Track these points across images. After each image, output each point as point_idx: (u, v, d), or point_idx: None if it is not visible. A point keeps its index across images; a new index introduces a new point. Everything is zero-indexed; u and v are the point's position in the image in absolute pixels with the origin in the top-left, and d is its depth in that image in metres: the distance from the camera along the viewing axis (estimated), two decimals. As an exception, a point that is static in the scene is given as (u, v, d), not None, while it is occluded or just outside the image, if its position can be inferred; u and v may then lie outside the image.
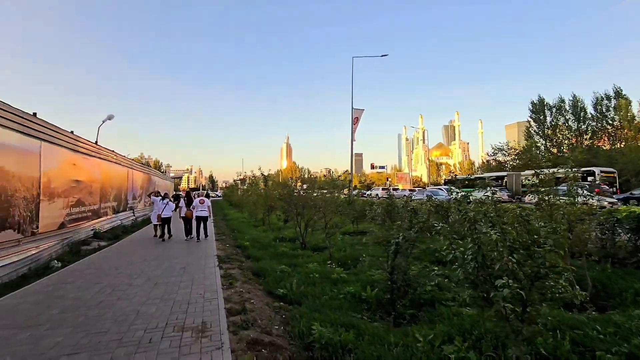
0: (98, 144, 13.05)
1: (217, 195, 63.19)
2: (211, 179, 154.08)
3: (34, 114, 8.24)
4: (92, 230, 11.61)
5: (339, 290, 5.32)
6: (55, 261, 8.11)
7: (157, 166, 72.42)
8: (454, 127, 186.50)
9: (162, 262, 7.25)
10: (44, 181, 8.42)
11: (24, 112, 7.69)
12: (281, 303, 4.87)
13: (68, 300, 4.53)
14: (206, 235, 11.30)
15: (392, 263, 4.70)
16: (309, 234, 9.69)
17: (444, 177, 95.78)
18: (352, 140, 25.01)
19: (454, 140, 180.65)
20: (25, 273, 6.99)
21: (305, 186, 11.05)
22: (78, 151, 10.77)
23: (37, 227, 8.12)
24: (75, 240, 10.06)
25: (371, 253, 8.29)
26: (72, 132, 10.46)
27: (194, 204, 10.95)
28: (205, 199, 11.14)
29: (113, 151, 14.68)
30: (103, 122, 14.92)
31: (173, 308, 4.25)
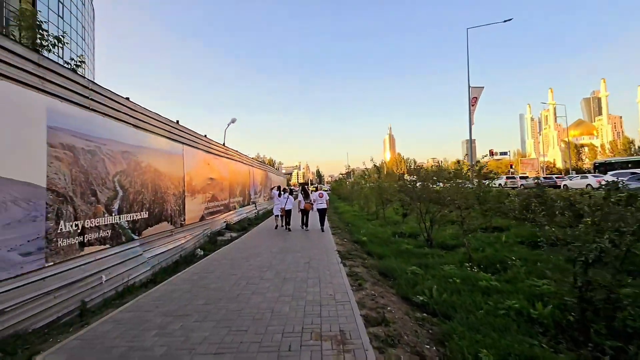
0: (225, 145, 14.56)
1: (326, 189, 65.59)
2: (318, 174, 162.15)
3: (177, 122, 9.44)
4: (224, 222, 12.98)
5: (495, 303, 4.21)
6: (199, 249, 9.15)
7: (272, 164, 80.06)
8: (599, 98, 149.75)
9: (286, 255, 7.32)
10: (187, 180, 9.60)
11: (170, 120, 8.85)
12: (423, 314, 4.08)
13: (210, 290, 4.75)
14: (323, 228, 11.57)
15: (585, 276, 3.36)
16: (435, 230, 8.56)
17: (587, 160, 77.69)
18: (471, 123, 21.99)
19: (599, 115, 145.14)
20: (177, 260, 8.01)
21: (414, 177, 10.00)
22: (211, 152, 12.10)
23: (184, 219, 9.30)
24: (212, 231, 11.32)
25: (519, 254, 6.71)
26: (205, 135, 11.78)
27: (313, 197, 11.29)
28: (324, 193, 11.55)
29: (237, 151, 16.24)
30: (228, 125, 16.78)
31: (306, 309, 3.94)
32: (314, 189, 14.15)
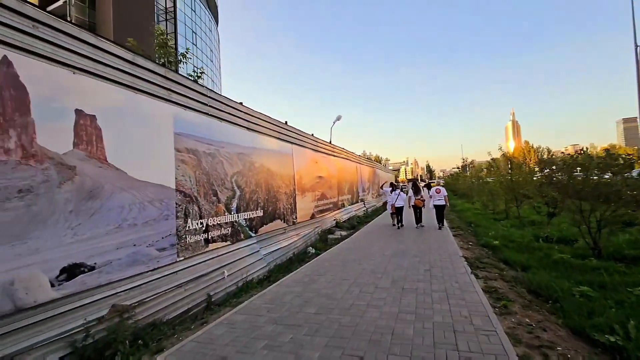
0: (332, 143, 14.54)
1: (442, 185, 60.93)
2: (428, 169, 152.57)
3: (285, 122, 9.69)
4: (334, 220, 12.92)
5: None
6: (311, 247, 9.16)
7: (378, 160, 79.06)
8: None
9: (402, 259, 6.52)
10: (297, 178, 9.76)
11: (279, 121, 9.10)
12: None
13: (322, 297, 4.39)
14: (441, 226, 10.67)
15: None
16: (603, 234, 6.37)
17: None
18: (641, 92, 16.50)
19: None
20: (291, 257, 8.13)
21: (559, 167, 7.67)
22: (318, 150, 12.16)
23: (296, 217, 9.46)
24: (323, 229, 11.33)
25: None
26: (312, 134, 11.89)
27: (430, 192, 10.36)
28: (442, 188, 10.50)
29: (344, 149, 16.09)
30: (334, 122, 16.86)
31: (436, 335, 3.12)
32: (433, 184, 12.87)
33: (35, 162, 3.02)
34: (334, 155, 14.29)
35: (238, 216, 6.49)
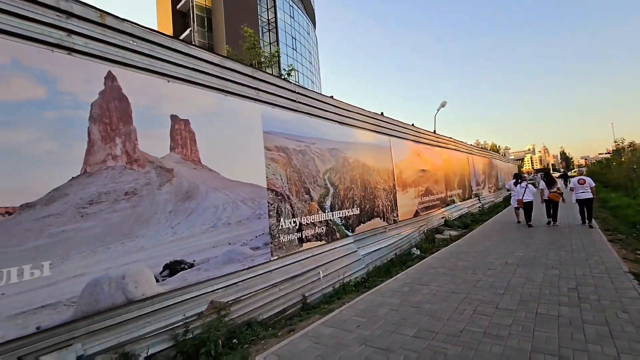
0: (436, 132, 13.09)
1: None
2: (563, 156, 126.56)
3: (382, 113, 9.03)
4: (442, 218, 11.57)
5: None
6: (415, 249, 8.29)
7: (495, 150, 69.31)
8: None
9: (532, 270, 5.13)
10: (396, 173, 8.99)
11: (374, 112, 8.52)
12: None
13: (423, 315, 3.64)
14: (590, 224, 8.67)
15: None
16: None
17: None
18: None
19: None
20: (392, 258, 7.47)
21: None
22: (420, 142, 11.04)
23: (397, 215, 8.72)
24: (429, 228, 10.22)
25: None
26: (412, 124, 10.86)
27: (571, 184, 8.24)
28: (586, 178, 8.28)
29: (451, 138, 14.35)
30: (438, 110, 15.17)
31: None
32: (574, 173, 10.35)
33: (138, 167, 3.28)
34: (439, 146, 12.83)
35: (333, 214, 6.21)
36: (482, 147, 21.13)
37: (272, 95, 5.18)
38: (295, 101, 5.69)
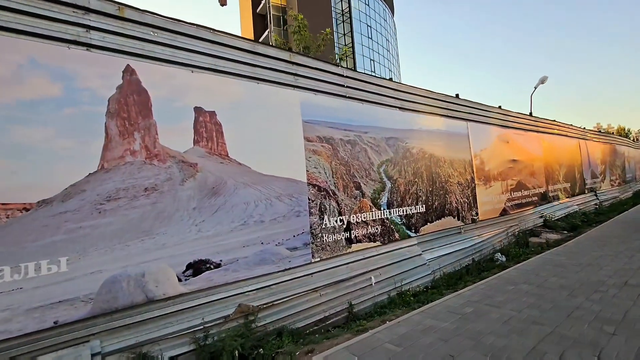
0: (533, 115, 10.86)
1: None
2: None
3: (457, 95, 7.75)
4: (540, 217, 9.54)
5: None
6: (499, 254, 6.92)
7: (623, 134, 56.08)
8: None
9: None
10: (476, 164, 7.63)
11: (445, 95, 7.34)
12: None
13: (480, 353, 2.67)
14: None
15: None
16: None
17: None
18: None
19: None
20: (468, 264, 6.33)
21: None
22: (509, 127, 9.24)
23: (477, 214, 7.40)
24: (522, 229, 8.50)
25: None
26: (499, 107, 9.14)
27: None
28: None
29: (554, 121, 11.78)
30: (535, 88, 12.48)
31: None
32: None
33: (158, 162, 3.17)
34: (537, 131, 10.61)
35: (390, 212, 5.46)
36: (603, 131, 17.02)
37: (314, 81, 4.70)
38: (343, 86, 5.11)
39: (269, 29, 28.08)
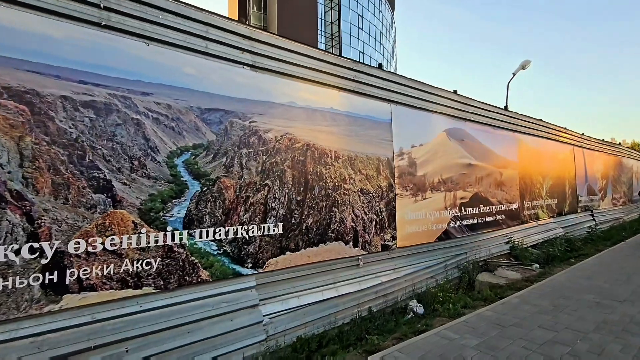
0: (508, 108, 8.41)
1: None
2: None
3: (379, 66, 5.41)
4: (506, 243, 7.14)
5: None
6: (415, 302, 4.64)
7: (638, 149, 52.22)
8: None
9: None
10: (400, 165, 5.30)
11: (355, 61, 5.03)
12: None
13: None
14: None
15: None
16: None
17: None
18: None
19: None
20: (357, 317, 4.06)
21: None
22: (468, 119, 6.83)
23: (394, 237, 5.10)
24: (473, 260, 6.16)
25: None
26: (455, 91, 6.75)
27: None
28: None
29: (538, 120, 9.29)
30: (514, 74, 9.90)
31: None
32: None
33: None
34: (513, 130, 8.19)
35: (192, 235, 3.21)
36: (607, 142, 14.42)
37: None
38: (98, 6, 2.84)
39: (247, 12, 25.87)
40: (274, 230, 3.78)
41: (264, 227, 3.70)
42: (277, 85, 4.00)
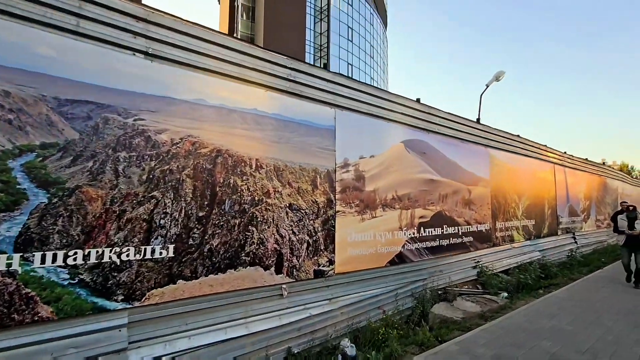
0: (480, 121, 7.87)
1: None
2: None
3: (325, 66, 4.80)
4: (474, 267, 6.47)
5: None
6: (347, 341, 3.98)
7: (627, 171, 52.19)
8: None
9: None
10: (342, 177, 4.64)
11: (288, 57, 4.41)
12: None
13: None
14: None
15: None
16: None
17: None
18: None
19: None
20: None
21: None
22: (430, 130, 6.24)
23: (331, 262, 4.41)
24: (431, 287, 5.47)
25: None
26: (418, 99, 6.18)
27: None
28: None
29: (509, 134, 8.74)
30: (487, 86, 9.44)
31: None
32: None
33: None
34: (484, 145, 7.63)
35: (24, 259, 2.48)
36: (596, 163, 14.00)
37: None
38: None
39: (236, 21, 25.53)
40: (160, 254, 3.06)
41: (145, 249, 2.98)
42: (180, 79, 3.35)
